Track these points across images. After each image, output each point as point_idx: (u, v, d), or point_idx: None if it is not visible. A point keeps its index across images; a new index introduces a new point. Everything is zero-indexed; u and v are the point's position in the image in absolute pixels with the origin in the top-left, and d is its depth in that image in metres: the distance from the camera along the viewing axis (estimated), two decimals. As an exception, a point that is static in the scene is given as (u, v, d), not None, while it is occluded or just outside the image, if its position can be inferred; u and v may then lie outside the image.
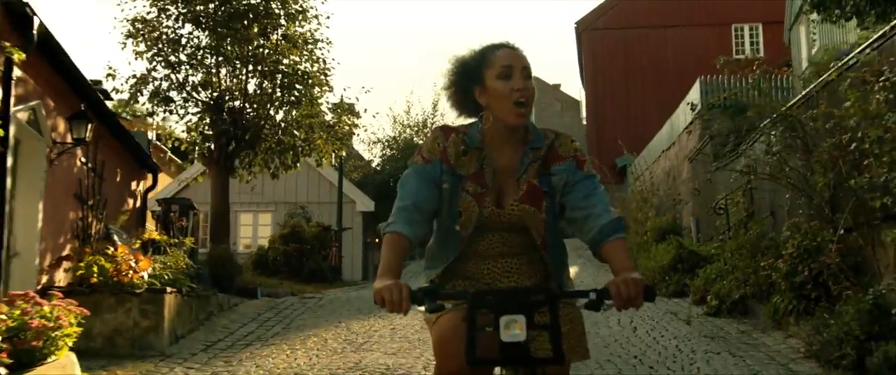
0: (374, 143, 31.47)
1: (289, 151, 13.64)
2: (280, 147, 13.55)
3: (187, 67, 12.85)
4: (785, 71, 12.71)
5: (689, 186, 14.16)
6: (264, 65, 12.93)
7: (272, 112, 13.42)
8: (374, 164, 31.20)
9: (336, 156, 15.97)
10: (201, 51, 12.88)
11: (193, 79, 12.95)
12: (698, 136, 13.84)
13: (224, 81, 13.08)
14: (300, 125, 13.63)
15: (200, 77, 12.95)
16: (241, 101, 13.09)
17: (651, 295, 1.92)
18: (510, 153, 2.22)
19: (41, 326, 4.84)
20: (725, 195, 10.31)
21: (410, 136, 30.72)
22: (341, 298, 12.23)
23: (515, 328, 1.81)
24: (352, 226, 20.58)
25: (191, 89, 12.95)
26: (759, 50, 24.50)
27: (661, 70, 25.27)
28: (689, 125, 14.63)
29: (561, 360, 1.85)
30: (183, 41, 12.81)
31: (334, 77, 23.41)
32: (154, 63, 12.70)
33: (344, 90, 20.06)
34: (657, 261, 11.30)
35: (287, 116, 13.72)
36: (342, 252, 18.97)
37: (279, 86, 13.14)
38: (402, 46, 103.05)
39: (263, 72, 13.04)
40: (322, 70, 13.61)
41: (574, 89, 45.08)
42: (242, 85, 13.13)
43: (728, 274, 8.63)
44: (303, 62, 13.43)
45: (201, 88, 12.99)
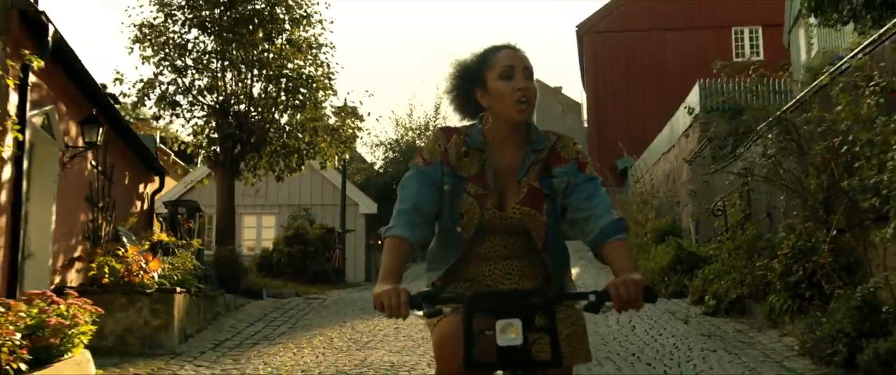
0: (377, 146, 31.65)
1: (293, 154, 13.82)
2: (284, 150, 13.74)
3: (193, 72, 13.06)
4: (781, 74, 12.82)
5: (689, 188, 14.26)
6: (269, 69, 13.12)
7: (277, 115, 13.62)
8: (377, 167, 31.34)
9: (339, 159, 16.10)
10: (207, 55, 13.08)
11: (199, 83, 13.17)
12: (697, 139, 13.94)
13: (230, 85, 13.27)
14: (304, 128, 13.80)
15: (206, 81, 13.15)
16: (247, 105, 13.28)
17: (652, 297, 1.88)
18: (512, 153, 2.19)
19: (58, 324, 4.97)
20: (723, 197, 10.43)
21: (412, 139, 30.83)
22: (345, 299, 12.38)
23: (511, 332, 1.78)
24: (355, 228, 20.74)
25: (197, 93, 13.15)
26: (759, 53, 24.58)
27: (662, 72, 25.39)
28: (688, 128, 14.73)
29: (559, 363, 1.84)
30: (189, 46, 13.03)
31: (338, 80, 23.53)
32: (161, 67, 12.90)
33: (347, 94, 20.03)
34: (656, 262, 11.43)
35: (291, 120, 13.91)
36: (345, 253, 19.13)
37: (284, 89, 13.32)
38: (404, 48, 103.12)
39: (268, 76, 13.23)
40: (326, 74, 13.80)
41: (575, 92, 45.19)
42: (248, 89, 13.33)
43: (725, 275, 8.74)
44: (307, 66, 13.62)
45: (207, 92, 13.18)
